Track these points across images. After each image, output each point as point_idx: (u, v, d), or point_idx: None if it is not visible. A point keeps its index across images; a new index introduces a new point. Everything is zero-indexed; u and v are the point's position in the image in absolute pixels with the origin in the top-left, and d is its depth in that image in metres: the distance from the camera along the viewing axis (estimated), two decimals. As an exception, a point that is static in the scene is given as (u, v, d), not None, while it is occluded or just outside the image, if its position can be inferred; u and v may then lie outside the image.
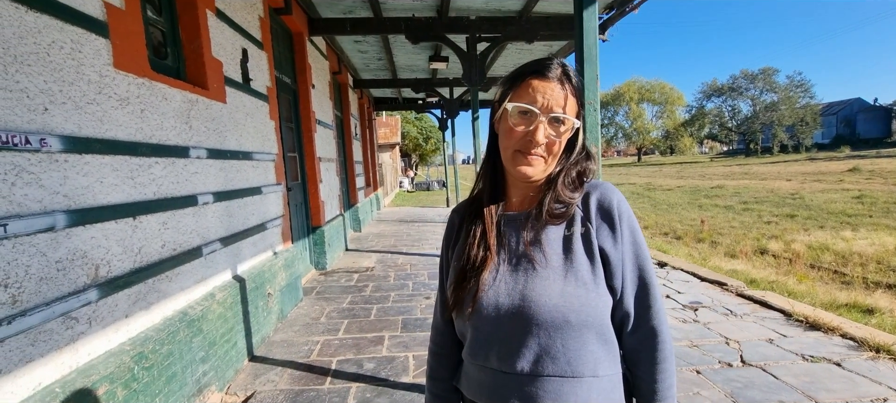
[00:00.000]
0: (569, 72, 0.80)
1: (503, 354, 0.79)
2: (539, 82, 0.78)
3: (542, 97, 0.77)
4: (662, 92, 62.05)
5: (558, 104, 0.77)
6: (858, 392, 2.35)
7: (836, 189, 14.09)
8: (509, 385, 0.79)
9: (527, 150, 0.79)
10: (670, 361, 0.81)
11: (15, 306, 1.39)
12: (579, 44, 1.97)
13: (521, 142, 0.79)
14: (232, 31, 3.20)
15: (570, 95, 0.79)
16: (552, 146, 0.79)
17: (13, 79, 1.43)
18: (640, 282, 0.81)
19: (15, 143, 1.42)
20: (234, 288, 2.88)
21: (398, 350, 3.06)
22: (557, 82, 0.78)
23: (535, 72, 0.79)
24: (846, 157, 31.30)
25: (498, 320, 0.79)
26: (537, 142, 0.77)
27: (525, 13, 5.18)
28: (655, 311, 0.81)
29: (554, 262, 0.79)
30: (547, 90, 0.78)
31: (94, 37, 1.81)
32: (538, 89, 0.78)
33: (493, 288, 0.80)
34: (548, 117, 0.77)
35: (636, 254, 0.81)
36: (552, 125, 0.78)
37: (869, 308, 3.86)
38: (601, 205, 0.81)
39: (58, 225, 1.57)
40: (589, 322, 0.76)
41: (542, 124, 0.77)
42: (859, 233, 7.58)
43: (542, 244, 0.80)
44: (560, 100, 0.78)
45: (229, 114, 3.05)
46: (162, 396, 2.02)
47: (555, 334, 0.76)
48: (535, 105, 0.77)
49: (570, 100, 0.79)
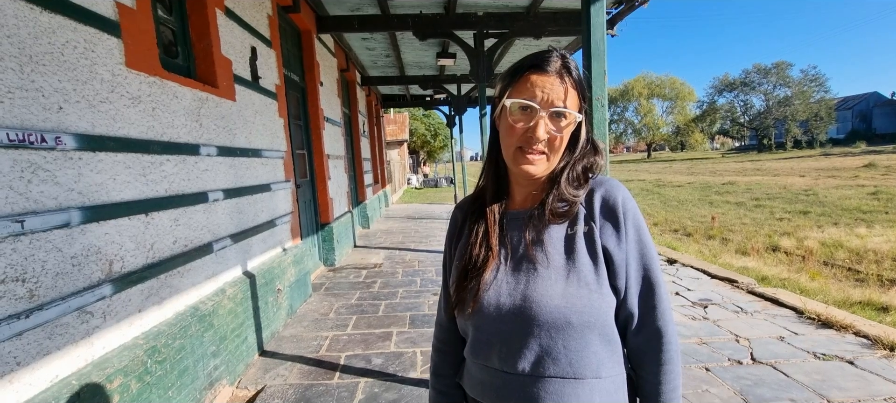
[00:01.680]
0: (569, 65, 0.77)
1: (504, 354, 0.78)
2: (538, 76, 0.76)
3: (541, 92, 0.75)
4: (673, 87, 61.32)
5: (559, 98, 0.75)
6: (871, 391, 2.31)
7: (850, 185, 13.83)
8: (511, 386, 0.78)
9: (528, 147, 0.77)
10: (675, 362, 0.79)
11: (32, 300, 1.43)
12: (587, 39, 1.96)
13: (522, 139, 0.77)
14: (241, 29, 3.23)
15: (571, 88, 0.77)
16: (554, 141, 0.77)
17: (29, 79, 1.47)
18: (645, 282, 0.79)
19: (31, 141, 1.45)
20: (245, 284, 2.91)
21: (406, 346, 3.08)
22: (557, 75, 0.76)
23: (534, 66, 0.77)
24: (862, 153, 30.69)
25: (499, 320, 0.78)
26: (538, 139, 0.75)
27: (533, 9, 5.15)
28: (661, 311, 0.79)
29: (556, 262, 0.77)
30: (546, 84, 0.75)
31: (107, 36, 1.84)
32: (537, 84, 0.75)
33: (495, 287, 0.80)
34: (548, 112, 0.75)
35: (641, 253, 0.79)
36: (553, 120, 0.76)
37: (883, 306, 3.80)
38: (605, 203, 0.79)
39: (73, 222, 1.60)
40: (591, 323, 0.74)
41: (543, 120, 0.75)
42: (874, 230, 7.45)
43: (544, 243, 0.79)
44: (560, 93, 0.75)
45: (239, 112, 3.08)
46: (174, 389, 2.06)
47: (556, 335, 0.75)
48: (535, 100, 0.75)
49: (571, 93, 0.77)
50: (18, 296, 1.38)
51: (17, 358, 1.37)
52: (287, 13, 4.48)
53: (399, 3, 5.08)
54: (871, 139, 46.44)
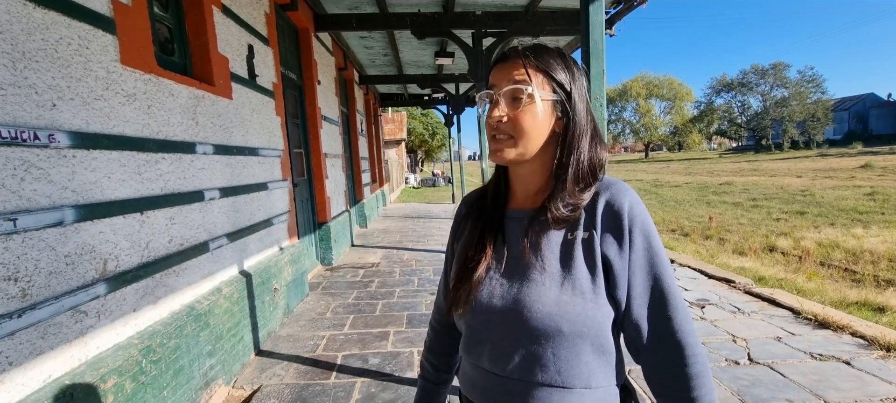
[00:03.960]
0: (529, 48, 0.77)
1: (494, 356, 0.77)
2: (499, 66, 0.78)
3: (499, 79, 0.77)
4: (671, 87, 61.46)
5: (513, 80, 0.75)
6: (868, 392, 2.32)
7: (847, 185, 13.88)
8: (499, 388, 0.77)
9: (495, 135, 0.78)
10: (706, 376, 0.72)
11: (25, 299, 1.41)
12: (586, 39, 1.95)
13: (490, 128, 0.78)
14: (238, 27, 3.21)
15: (532, 69, 0.75)
16: (516, 123, 0.76)
17: (22, 76, 1.45)
18: (655, 291, 0.74)
19: (24, 139, 1.44)
20: (241, 283, 2.90)
21: (403, 346, 3.07)
22: (513, 61, 0.77)
23: (497, 60, 0.79)
24: (858, 154, 30.80)
25: (490, 321, 0.78)
26: (494, 119, 0.76)
27: (531, 8, 5.14)
28: (679, 323, 0.73)
29: (552, 268, 0.75)
30: (505, 70, 0.77)
31: (102, 33, 1.82)
32: (497, 73, 0.78)
33: (488, 288, 0.79)
34: (502, 93, 0.76)
35: (650, 263, 0.74)
36: (509, 102, 0.76)
37: (880, 306, 3.81)
38: (609, 209, 0.75)
39: (66, 220, 1.58)
40: (584, 332, 0.72)
41: (498, 102, 0.77)
42: (871, 231, 7.47)
43: (541, 247, 0.76)
44: (515, 75, 0.75)
45: (235, 111, 3.06)
46: (170, 389, 2.04)
47: (546, 342, 0.73)
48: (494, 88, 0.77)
49: (533, 74, 0.75)
50: (11, 295, 1.37)
51: (9, 358, 1.35)
52: (285, 11, 4.46)
53: (397, 2, 5.06)
54: (868, 140, 46.64)
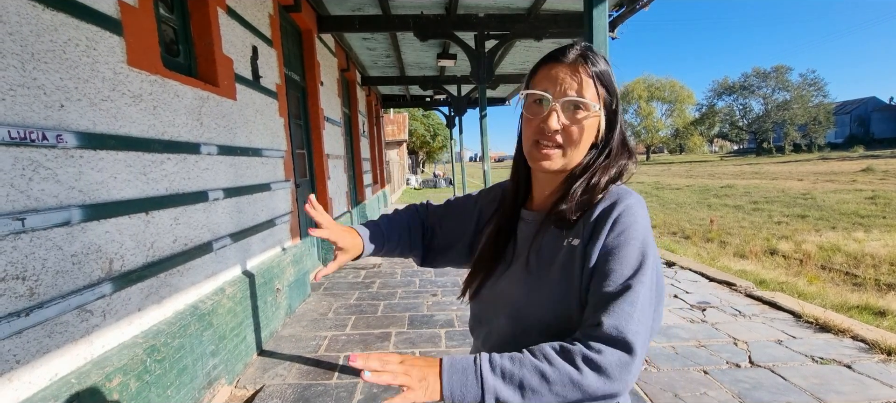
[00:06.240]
0: (588, 55, 0.74)
1: (489, 343, 0.83)
2: (552, 67, 0.74)
3: (555, 83, 0.73)
4: (672, 90, 61.44)
5: (572, 88, 0.72)
6: (868, 395, 2.32)
7: (848, 189, 13.87)
8: None
9: (543, 140, 0.75)
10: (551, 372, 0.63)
11: (32, 298, 1.42)
12: (589, 41, 1.97)
13: (538, 132, 0.75)
14: (242, 28, 3.23)
15: (588, 77, 0.73)
16: (571, 134, 0.74)
17: (31, 77, 1.46)
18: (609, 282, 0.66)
19: (32, 139, 1.45)
20: (244, 283, 2.91)
21: (405, 347, 3.08)
22: (571, 65, 0.73)
23: (551, 58, 0.75)
24: (860, 157, 30.79)
25: (489, 311, 0.84)
26: (551, 129, 0.73)
27: (534, 10, 5.16)
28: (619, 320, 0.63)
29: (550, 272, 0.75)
30: (560, 74, 0.73)
31: (109, 34, 1.84)
32: (550, 75, 0.74)
33: (492, 282, 0.85)
34: (561, 102, 0.73)
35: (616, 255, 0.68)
36: (568, 112, 0.73)
37: (881, 310, 3.81)
38: (603, 214, 0.72)
39: (73, 220, 1.60)
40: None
41: (556, 111, 0.73)
42: (872, 235, 7.47)
43: (542, 250, 0.77)
44: (574, 84, 0.72)
45: (239, 111, 3.08)
46: (173, 388, 2.05)
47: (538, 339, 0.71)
48: (548, 91, 0.74)
49: (589, 84, 0.73)
50: (19, 294, 1.38)
51: (16, 357, 1.36)
52: (288, 12, 4.47)
53: (400, 4, 5.08)
54: (869, 143, 46.61)
